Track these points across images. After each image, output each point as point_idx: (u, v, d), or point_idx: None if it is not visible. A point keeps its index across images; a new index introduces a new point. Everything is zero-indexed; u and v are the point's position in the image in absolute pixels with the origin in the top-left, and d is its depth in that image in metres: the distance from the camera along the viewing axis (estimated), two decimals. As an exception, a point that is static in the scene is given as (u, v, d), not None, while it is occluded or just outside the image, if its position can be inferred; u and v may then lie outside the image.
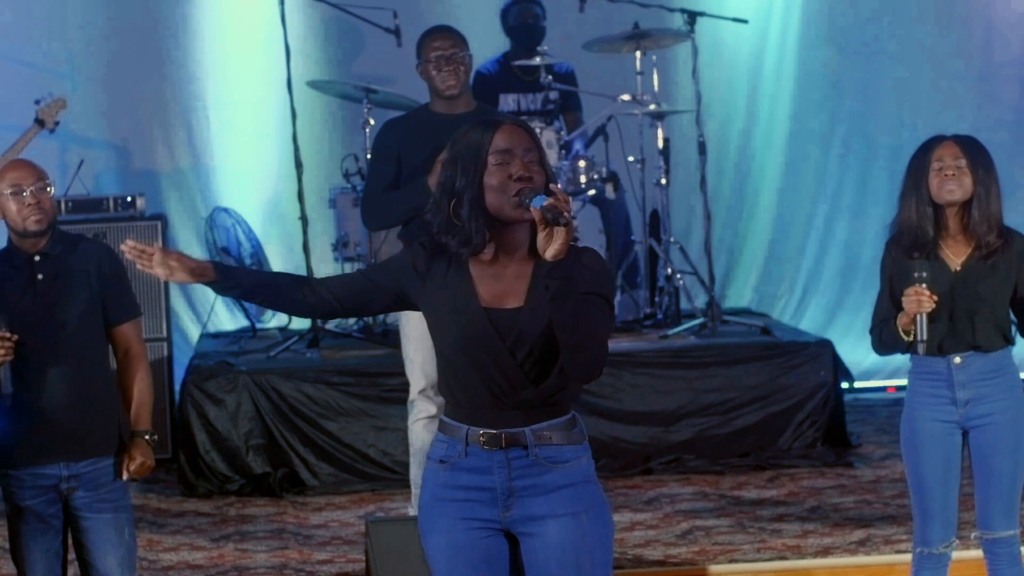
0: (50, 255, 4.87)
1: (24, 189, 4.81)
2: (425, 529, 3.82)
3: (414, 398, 6.42)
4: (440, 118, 6.37)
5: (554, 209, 3.55)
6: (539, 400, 3.72)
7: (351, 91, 8.58)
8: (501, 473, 3.74)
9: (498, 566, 3.79)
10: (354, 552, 6.43)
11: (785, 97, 9.81)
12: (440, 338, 3.77)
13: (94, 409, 4.86)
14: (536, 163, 3.71)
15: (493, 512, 3.76)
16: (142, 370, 4.97)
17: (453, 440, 3.78)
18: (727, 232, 9.73)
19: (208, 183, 9.47)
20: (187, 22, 9.40)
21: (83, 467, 4.84)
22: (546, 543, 3.74)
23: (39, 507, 4.83)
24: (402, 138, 6.38)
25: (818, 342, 8.09)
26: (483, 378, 3.71)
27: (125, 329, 4.96)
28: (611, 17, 8.89)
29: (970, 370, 4.86)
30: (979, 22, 9.81)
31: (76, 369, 4.83)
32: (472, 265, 3.75)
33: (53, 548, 4.85)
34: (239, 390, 7.58)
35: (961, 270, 4.86)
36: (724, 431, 7.76)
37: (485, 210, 3.69)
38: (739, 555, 6.24)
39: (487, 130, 3.73)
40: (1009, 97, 9.80)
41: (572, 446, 3.77)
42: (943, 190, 4.85)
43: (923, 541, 4.94)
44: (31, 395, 4.79)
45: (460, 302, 3.72)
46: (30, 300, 4.81)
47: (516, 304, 3.71)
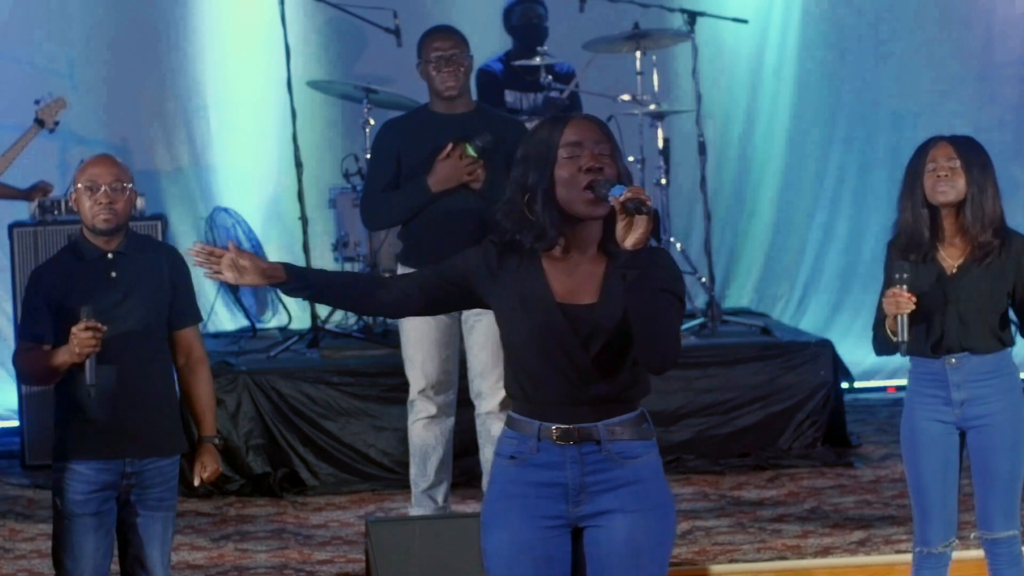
0: (125, 253, 4.88)
1: (100, 186, 4.82)
2: (489, 524, 3.81)
3: (414, 398, 6.42)
4: (440, 118, 6.37)
5: (636, 199, 3.55)
6: (611, 395, 3.73)
7: (351, 91, 8.58)
8: (574, 468, 3.75)
9: (560, 565, 3.79)
10: (354, 552, 6.42)
11: (785, 97, 9.81)
12: (512, 334, 3.77)
13: (161, 408, 4.88)
14: (607, 155, 3.71)
15: (562, 508, 3.77)
16: (206, 374, 5.00)
17: (524, 436, 3.77)
18: (727, 232, 9.72)
19: (208, 183, 9.46)
20: (187, 22, 9.40)
21: (146, 464, 4.84)
22: (611, 537, 3.75)
23: (96, 503, 4.81)
24: (402, 138, 6.38)
25: (818, 342, 8.09)
26: (556, 373, 3.72)
27: (188, 333, 4.98)
28: (611, 17, 8.89)
29: (965, 371, 4.86)
30: (979, 22, 9.81)
31: (143, 368, 4.85)
32: (545, 261, 3.75)
33: (103, 547, 4.84)
34: (239, 390, 7.58)
35: (956, 272, 4.86)
36: (724, 431, 7.76)
37: (557, 204, 3.70)
38: (739, 555, 6.24)
39: (557, 125, 3.75)
40: (1009, 97, 9.80)
41: (642, 441, 3.78)
42: (936, 191, 4.86)
43: (923, 541, 4.95)
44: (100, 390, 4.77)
45: (534, 298, 3.72)
46: (103, 296, 4.80)
47: (589, 300, 3.72)
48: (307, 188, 8.33)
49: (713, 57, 9.38)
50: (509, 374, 3.80)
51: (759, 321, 8.64)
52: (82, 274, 4.85)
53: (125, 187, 4.86)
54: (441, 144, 6.25)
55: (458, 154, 6.23)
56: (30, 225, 8.08)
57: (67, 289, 4.82)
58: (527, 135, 3.82)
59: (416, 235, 6.36)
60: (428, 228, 6.29)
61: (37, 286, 4.89)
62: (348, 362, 7.84)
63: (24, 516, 7.13)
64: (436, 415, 6.40)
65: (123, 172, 4.91)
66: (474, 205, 6.24)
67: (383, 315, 4.00)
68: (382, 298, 3.87)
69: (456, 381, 6.46)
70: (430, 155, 6.26)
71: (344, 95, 8.80)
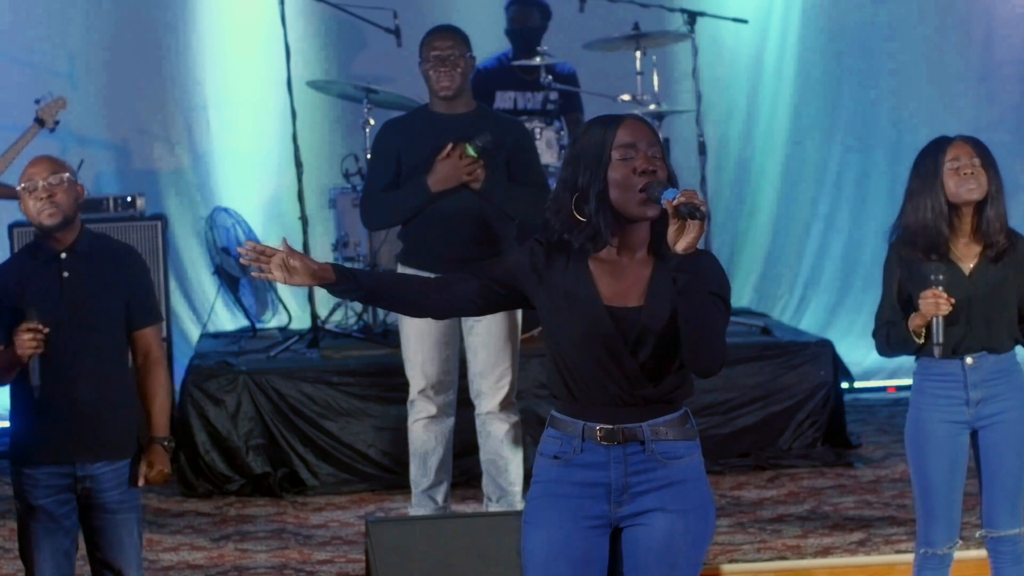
0: (78, 253, 4.85)
1: (37, 183, 4.78)
2: (530, 522, 3.81)
3: (414, 398, 6.42)
4: (439, 118, 6.37)
5: (690, 203, 3.55)
6: (656, 397, 3.75)
7: (351, 91, 8.58)
8: (618, 468, 3.76)
9: (597, 566, 3.80)
10: (354, 552, 6.42)
11: (785, 97, 9.81)
12: (558, 335, 3.77)
13: (113, 411, 4.84)
14: (659, 157, 3.71)
15: (604, 508, 3.77)
16: (161, 376, 4.95)
17: (568, 436, 3.78)
18: (727, 232, 9.72)
19: (208, 183, 9.46)
20: (187, 22, 9.41)
21: (99, 468, 4.82)
22: (650, 536, 3.77)
23: (51, 506, 4.81)
24: (402, 138, 6.38)
25: (818, 342, 8.08)
26: (603, 375, 3.72)
27: (146, 334, 4.93)
28: (611, 17, 8.89)
29: (982, 370, 4.85)
30: (979, 22, 9.82)
31: (97, 370, 4.82)
32: (592, 263, 3.75)
33: (63, 548, 4.83)
34: (239, 390, 7.58)
35: (973, 272, 4.85)
36: (724, 431, 7.76)
37: (610, 206, 3.69)
38: (739, 555, 6.24)
39: (610, 126, 3.73)
40: (1009, 97, 9.80)
41: (686, 442, 3.81)
42: (963, 189, 4.81)
43: (927, 542, 4.93)
44: (51, 393, 4.77)
45: (581, 299, 3.72)
46: (55, 298, 4.78)
47: (637, 303, 3.72)
48: (307, 188, 8.33)
49: (713, 57, 9.38)
50: (553, 375, 3.80)
51: (759, 321, 8.63)
52: (34, 275, 4.83)
53: (63, 179, 4.80)
54: (441, 144, 6.26)
55: (458, 154, 6.23)
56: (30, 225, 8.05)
57: (20, 290, 4.79)
58: (578, 135, 3.80)
59: (416, 235, 6.36)
60: (428, 228, 6.29)
61: None
62: (348, 362, 7.84)
63: (24, 516, 7.12)
64: (436, 415, 6.40)
65: (59, 165, 4.85)
66: (474, 205, 6.24)
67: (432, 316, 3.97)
68: (436, 301, 3.86)
69: (456, 381, 6.45)
70: (430, 155, 6.26)
71: (344, 95, 8.80)
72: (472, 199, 6.25)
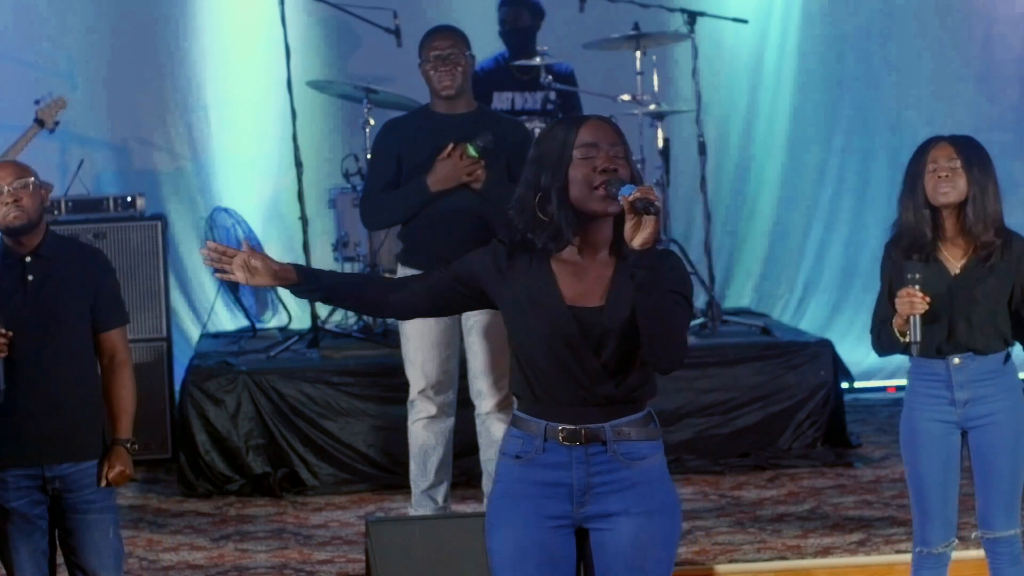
0: (42, 256, 4.86)
1: (2, 188, 4.79)
2: (493, 524, 3.82)
3: (414, 398, 6.42)
4: (440, 118, 6.37)
5: (644, 198, 3.57)
6: (619, 397, 3.75)
7: (351, 91, 8.58)
8: (579, 469, 3.75)
9: (564, 565, 3.80)
10: (354, 552, 6.42)
11: (785, 97, 9.81)
12: (521, 335, 3.78)
13: (79, 412, 4.85)
14: (621, 157, 3.73)
15: (567, 508, 3.77)
16: (126, 377, 4.95)
17: (530, 435, 3.78)
18: (727, 232, 9.72)
19: (208, 183, 9.46)
20: (187, 22, 9.40)
21: (66, 469, 4.83)
22: (617, 540, 3.76)
23: (24, 508, 4.82)
24: (402, 138, 6.38)
25: (818, 342, 8.08)
26: (564, 375, 3.73)
27: (112, 335, 4.94)
28: (611, 17, 8.88)
29: (969, 371, 4.85)
30: (979, 22, 9.81)
31: (62, 372, 4.82)
32: (554, 263, 3.76)
33: (40, 548, 4.85)
34: (239, 390, 7.58)
35: (960, 272, 4.86)
36: (724, 431, 7.76)
37: (571, 204, 3.71)
38: (739, 555, 6.24)
39: (572, 126, 3.76)
40: (1009, 97, 9.80)
41: (649, 442, 3.79)
42: (937, 192, 4.84)
43: (923, 541, 4.94)
44: (16, 396, 4.77)
45: (544, 300, 3.74)
46: (20, 300, 4.80)
47: (598, 302, 3.73)
48: (307, 188, 8.33)
49: (713, 57, 9.37)
50: (516, 374, 3.81)
51: (759, 321, 8.63)
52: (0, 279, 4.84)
53: (28, 183, 4.82)
54: (441, 144, 6.25)
55: (459, 154, 6.23)
56: None
57: None
58: (541, 135, 3.83)
59: (416, 235, 6.36)
60: (428, 228, 6.29)
61: None
62: (348, 362, 7.84)
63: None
64: (436, 415, 6.40)
65: (23, 169, 4.88)
66: (474, 205, 6.23)
67: (393, 316, 4.00)
68: (392, 300, 3.89)
69: (456, 381, 6.45)
70: (430, 155, 6.26)
71: (344, 95, 8.80)
72: (472, 199, 6.24)
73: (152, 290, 8.01)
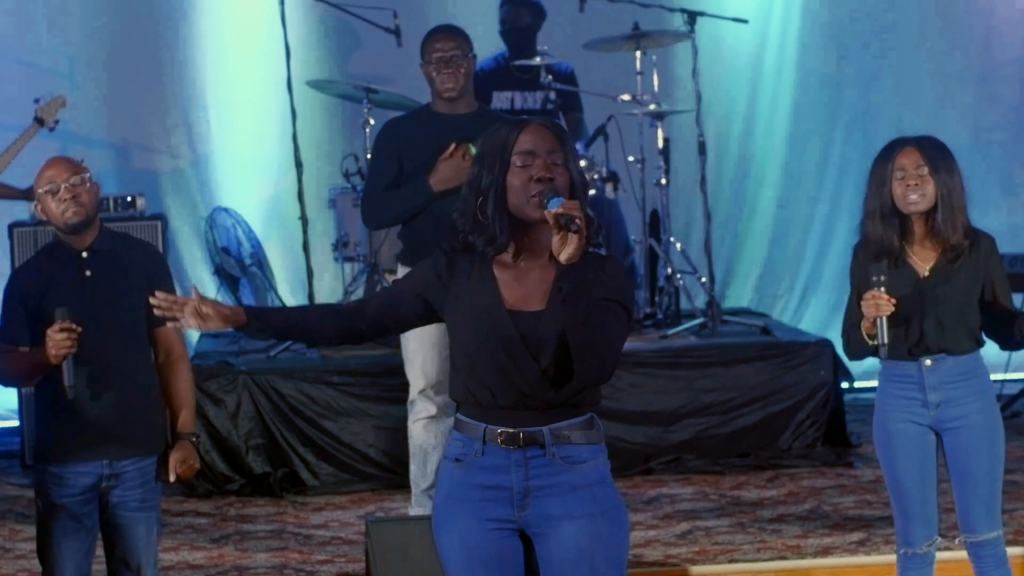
0: (99, 251, 4.86)
1: (59, 185, 4.79)
2: (439, 528, 3.83)
3: (414, 398, 6.42)
4: (442, 118, 6.37)
5: (566, 215, 3.57)
6: (558, 400, 3.74)
7: (351, 91, 8.58)
8: (518, 472, 3.75)
9: (512, 566, 3.80)
10: (354, 552, 6.42)
11: (785, 97, 9.81)
12: (461, 339, 3.77)
13: (139, 408, 4.85)
14: (561, 164, 3.71)
15: (508, 511, 3.77)
16: (185, 371, 4.96)
17: (469, 439, 3.78)
18: (727, 232, 9.73)
19: (208, 183, 9.47)
20: (187, 22, 9.41)
21: (125, 466, 4.82)
22: (561, 545, 3.75)
23: (75, 506, 4.81)
24: (403, 138, 6.38)
25: (818, 342, 8.08)
26: (503, 379, 3.72)
27: (167, 331, 4.94)
28: (611, 17, 8.89)
29: (940, 373, 4.82)
30: (979, 22, 9.82)
31: (122, 367, 4.82)
32: (496, 267, 3.76)
33: (84, 548, 4.83)
34: (239, 390, 7.58)
35: (929, 275, 4.82)
36: (724, 431, 7.76)
37: (508, 210, 3.71)
38: (739, 555, 6.24)
39: (513, 130, 3.74)
40: (1009, 97, 9.80)
41: (590, 446, 3.78)
42: (907, 200, 4.79)
43: (906, 542, 4.92)
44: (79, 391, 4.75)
45: (484, 304, 3.73)
46: (79, 296, 4.78)
47: (538, 307, 3.73)
48: (307, 188, 8.33)
49: (713, 57, 9.38)
50: (455, 378, 3.80)
51: (759, 321, 8.63)
52: (57, 274, 4.83)
53: (84, 179, 4.83)
54: (443, 144, 6.25)
55: (461, 154, 6.22)
56: (30, 225, 8.08)
57: (42, 290, 4.80)
58: (484, 136, 3.81)
59: (416, 235, 6.35)
60: (428, 228, 6.27)
61: (13, 287, 4.88)
62: (348, 362, 7.84)
63: (24, 516, 7.12)
64: (436, 415, 6.39)
65: (78, 166, 4.89)
66: None
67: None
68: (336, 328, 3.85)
69: None
70: (432, 156, 6.26)
71: (344, 95, 8.80)
72: None
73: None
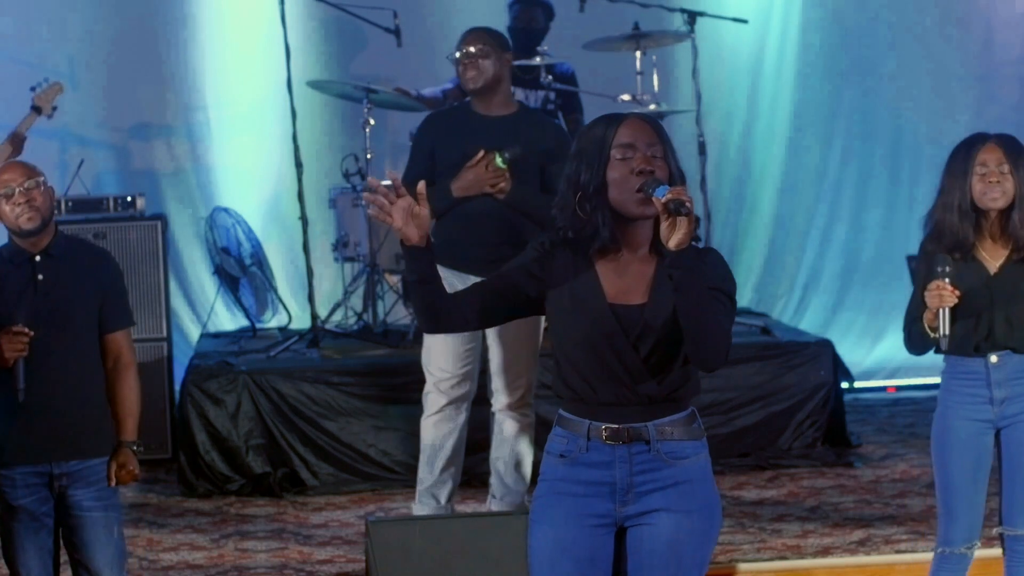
0: (52, 255, 4.88)
1: (14, 189, 4.81)
2: (536, 519, 3.83)
3: (428, 390, 6.37)
4: (477, 117, 6.34)
5: (676, 199, 3.57)
6: (661, 395, 3.75)
7: (351, 91, 8.58)
8: (623, 468, 3.76)
9: (602, 565, 3.80)
10: (354, 552, 6.42)
11: (785, 97, 9.81)
12: (563, 333, 3.78)
13: (87, 411, 4.88)
14: (660, 157, 3.72)
15: (609, 507, 3.78)
16: (131, 380, 4.98)
17: (574, 435, 3.79)
18: (727, 232, 9.73)
19: (208, 183, 9.47)
20: (187, 22, 9.41)
21: (74, 466, 4.86)
22: (655, 536, 3.77)
23: (32, 505, 4.84)
24: (437, 133, 6.35)
25: (818, 342, 8.08)
26: (606, 373, 3.73)
27: (118, 337, 4.96)
28: (611, 17, 8.88)
29: (1007, 369, 4.82)
30: (979, 22, 9.82)
31: (71, 370, 4.84)
32: (597, 261, 3.77)
33: (47, 546, 4.87)
34: (239, 390, 7.58)
35: (999, 272, 4.82)
36: (724, 431, 7.76)
37: (609, 205, 3.71)
38: (739, 555, 6.24)
39: (611, 124, 3.75)
40: (1009, 97, 9.80)
41: (692, 441, 3.80)
42: (987, 197, 4.79)
43: (945, 541, 4.90)
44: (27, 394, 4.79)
45: (585, 298, 3.74)
46: (30, 299, 4.81)
47: (640, 300, 3.74)
48: (307, 188, 8.33)
49: (713, 57, 9.38)
50: (559, 373, 3.81)
51: (759, 321, 8.63)
52: (9, 277, 4.85)
53: (39, 182, 4.84)
54: (476, 145, 6.22)
55: (485, 164, 6.19)
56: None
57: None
58: (581, 132, 3.82)
59: (445, 234, 6.28)
60: (458, 227, 6.25)
61: None
62: (348, 362, 7.84)
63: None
64: (449, 410, 6.35)
65: (33, 170, 4.89)
66: (498, 209, 6.20)
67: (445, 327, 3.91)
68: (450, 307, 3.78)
69: (475, 377, 6.41)
70: (462, 156, 6.23)
71: (344, 95, 8.80)
72: (496, 203, 6.20)
73: (152, 290, 8.01)
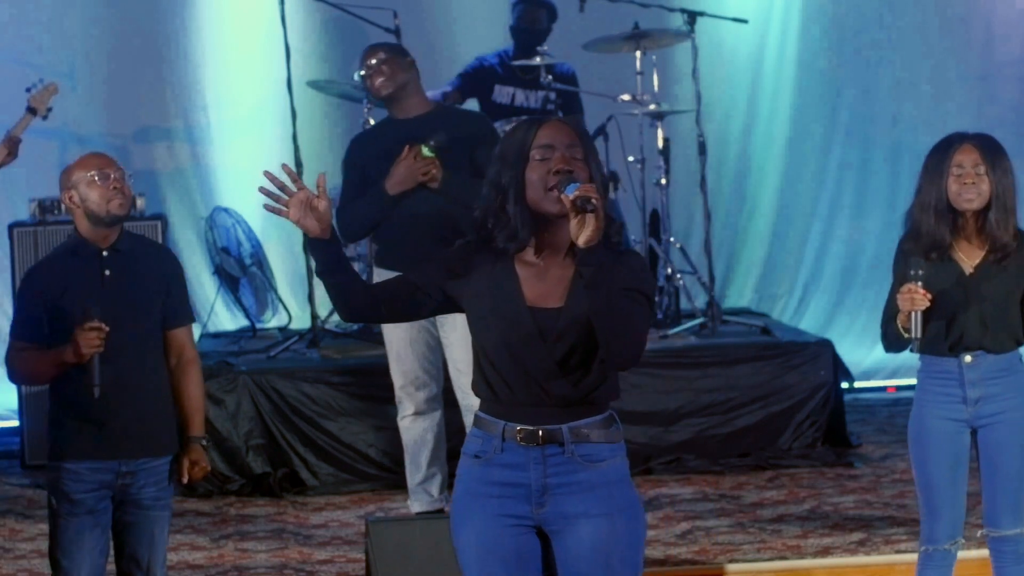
0: (119, 251, 4.88)
1: (109, 174, 4.83)
2: (457, 523, 3.84)
3: (398, 395, 6.62)
4: (396, 123, 6.57)
5: (583, 195, 3.58)
6: (577, 397, 3.75)
7: (351, 91, 8.58)
8: (536, 469, 3.76)
9: (529, 563, 3.81)
10: (354, 552, 6.43)
11: (785, 97, 9.81)
12: (482, 336, 3.79)
13: (156, 408, 4.88)
14: (580, 159, 3.73)
15: (526, 508, 3.78)
16: (196, 375, 5.00)
17: (489, 435, 3.79)
18: (727, 232, 9.72)
19: (208, 183, 9.47)
20: (187, 22, 9.41)
21: (142, 464, 4.85)
22: (578, 543, 3.76)
23: (91, 502, 4.82)
24: (365, 152, 6.57)
25: (818, 342, 8.09)
26: (523, 375, 3.74)
27: (180, 333, 4.98)
28: (611, 17, 8.88)
29: (980, 369, 4.83)
30: (979, 22, 9.82)
31: (139, 367, 4.84)
32: (517, 264, 3.78)
33: (99, 545, 4.86)
34: (239, 390, 7.58)
35: (974, 272, 4.83)
36: (724, 431, 7.76)
37: (528, 205, 3.73)
38: (739, 555, 6.24)
39: (531, 127, 3.78)
40: (1009, 97, 9.80)
41: (609, 444, 3.79)
42: (962, 198, 4.79)
43: (929, 539, 4.92)
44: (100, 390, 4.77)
45: (505, 300, 3.75)
46: (98, 295, 4.79)
47: (557, 303, 3.74)
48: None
49: (713, 57, 9.38)
50: (477, 374, 3.82)
51: (759, 321, 8.63)
52: (77, 273, 4.84)
53: (129, 177, 4.91)
54: (398, 148, 6.34)
55: (412, 155, 6.29)
56: (30, 225, 8.08)
57: (61, 288, 4.81)
58: (505, 135, 3.85)
59: (387, 237, 6.49)
60: (398, 230, 6.40)
61: (31, 285, 4.90)
62: (348, 362, 7.85)
63: (24, 516, 7.13)
64: (421, 410, 6.52)
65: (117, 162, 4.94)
66: (439, 205, 6.28)
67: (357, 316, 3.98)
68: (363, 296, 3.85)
69: (440, 376, 6.57)
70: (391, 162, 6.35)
71: (344, 95, 8.80)
72: (436, 200, 6.32)
73: (152, 290, 8.01)
